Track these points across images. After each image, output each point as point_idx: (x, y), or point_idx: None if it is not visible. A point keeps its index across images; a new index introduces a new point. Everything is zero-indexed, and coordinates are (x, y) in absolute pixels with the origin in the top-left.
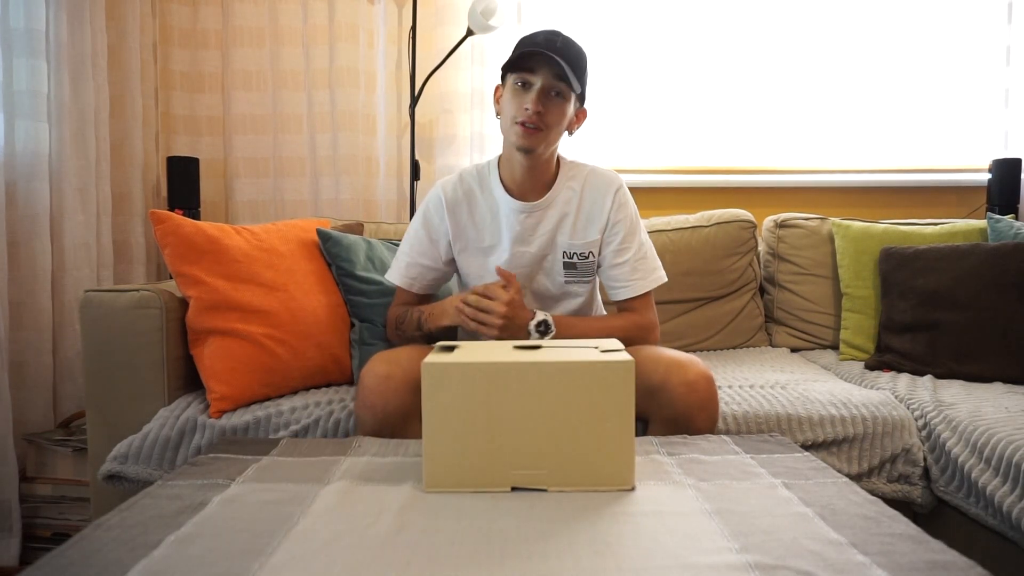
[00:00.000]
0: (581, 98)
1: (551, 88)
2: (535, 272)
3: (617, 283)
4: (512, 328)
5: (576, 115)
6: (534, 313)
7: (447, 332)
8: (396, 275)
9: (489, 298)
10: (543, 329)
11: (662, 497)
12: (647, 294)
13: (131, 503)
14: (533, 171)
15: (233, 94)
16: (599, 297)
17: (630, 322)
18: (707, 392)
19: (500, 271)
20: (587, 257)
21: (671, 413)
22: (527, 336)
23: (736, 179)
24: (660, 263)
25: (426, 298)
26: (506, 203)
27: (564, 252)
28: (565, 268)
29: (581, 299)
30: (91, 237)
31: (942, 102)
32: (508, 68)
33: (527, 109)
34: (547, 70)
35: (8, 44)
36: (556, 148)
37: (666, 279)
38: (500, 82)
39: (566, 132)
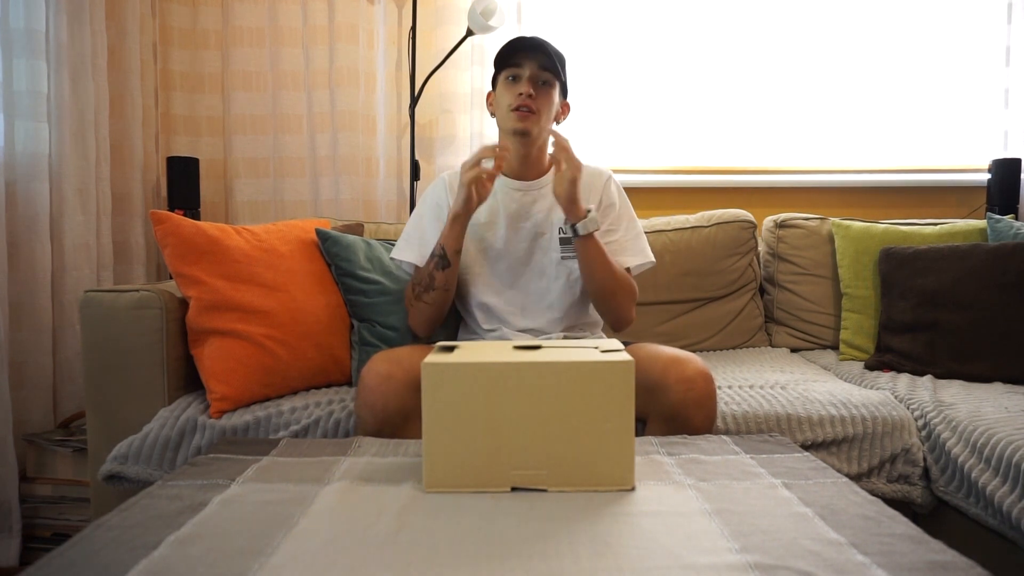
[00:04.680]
0: (564, 91)
1: (538, 77)
2: (533, 249)
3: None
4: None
5: (561, 107)
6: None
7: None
8: (404, 252)
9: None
10: (591, 219)
11: (662, 497)
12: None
13: (131, 503)
14: (527, 157)
15: (233, 94)
16: None
17: (630, 281)
18: (705, 389)
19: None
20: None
21: (668, 410)
22: (584, 213)
23: (736, 179)
24: (650, 249)
25: None
26: (503, 182)
27: (561, 228)
28: (562, 244)
29: (576, 275)
30: (91, 237)
31: (942, 102)
32: (497, 67)
33: (520, 95)
34: (532, 62)
35: (8, 44)
36: (547, 136)
37: (654, 261)
38: (491, 90)
39: (554, 122)
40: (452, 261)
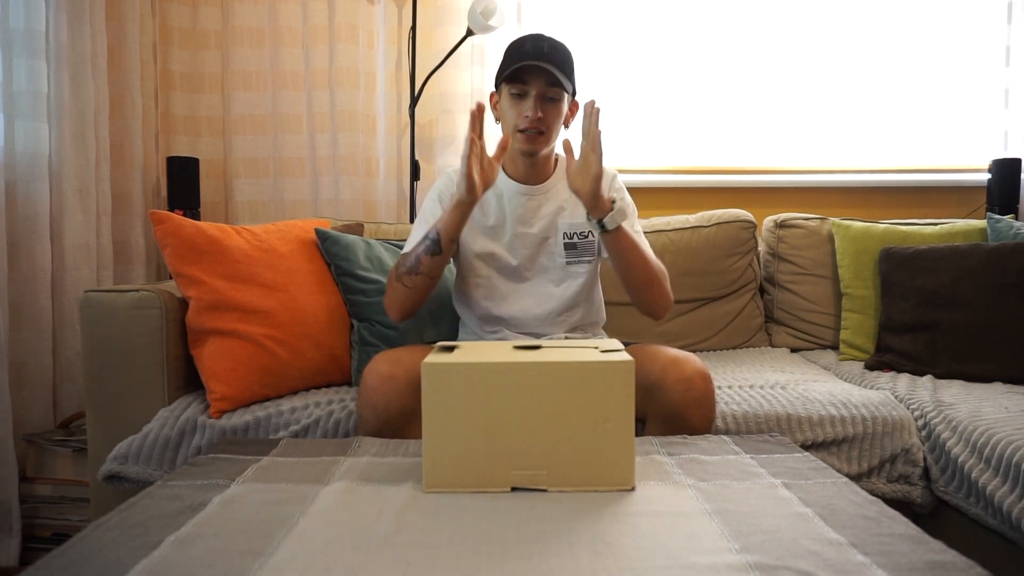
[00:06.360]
0: (572, 92)
1: (545, 94)
2: (537, 254)
3: None
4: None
5: (569, 108)
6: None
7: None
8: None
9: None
10: (618, 210)
11: (662, 497)
12: None
13: (131, 503)
14: (535, 165)
15: (233, 94)
16: (599, 286)
17: (662, 266)
18: (703, 389)
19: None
20: (587, 236)
21: (667, 410)
22: (606, 206)
23: (736, 179)
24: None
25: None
26: (509, 186)
27: (564, 233)
28: (566, 249)
29: (583, 279)
30: (91, 237)
31: (942, 102)
32: (501, 74)
33: (527, 117)
34: (540, 79)
35: (8, 44)
36: (555, 144)
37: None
38: (495, 89)
39: (563, 127)
40: (444, 249)
